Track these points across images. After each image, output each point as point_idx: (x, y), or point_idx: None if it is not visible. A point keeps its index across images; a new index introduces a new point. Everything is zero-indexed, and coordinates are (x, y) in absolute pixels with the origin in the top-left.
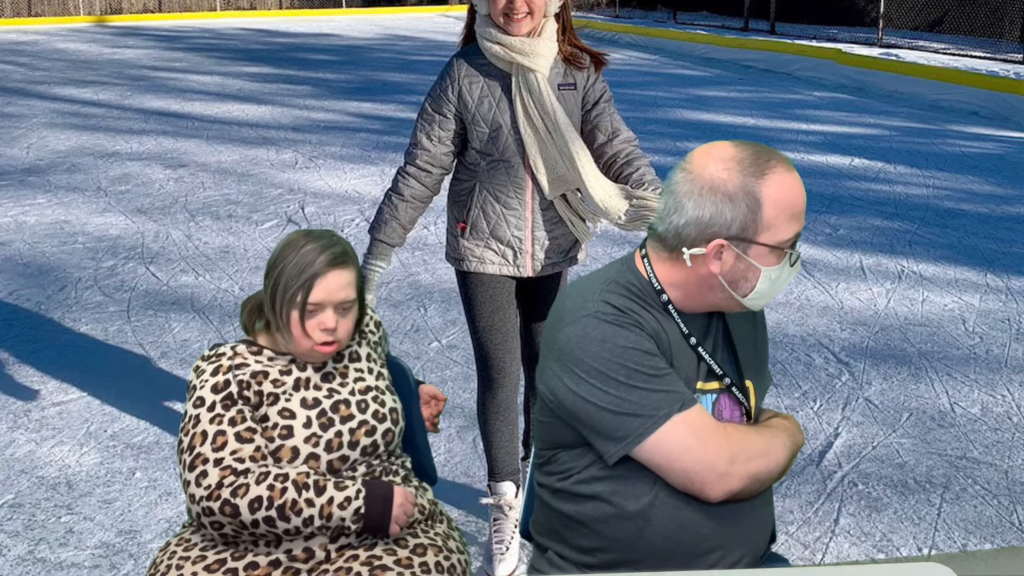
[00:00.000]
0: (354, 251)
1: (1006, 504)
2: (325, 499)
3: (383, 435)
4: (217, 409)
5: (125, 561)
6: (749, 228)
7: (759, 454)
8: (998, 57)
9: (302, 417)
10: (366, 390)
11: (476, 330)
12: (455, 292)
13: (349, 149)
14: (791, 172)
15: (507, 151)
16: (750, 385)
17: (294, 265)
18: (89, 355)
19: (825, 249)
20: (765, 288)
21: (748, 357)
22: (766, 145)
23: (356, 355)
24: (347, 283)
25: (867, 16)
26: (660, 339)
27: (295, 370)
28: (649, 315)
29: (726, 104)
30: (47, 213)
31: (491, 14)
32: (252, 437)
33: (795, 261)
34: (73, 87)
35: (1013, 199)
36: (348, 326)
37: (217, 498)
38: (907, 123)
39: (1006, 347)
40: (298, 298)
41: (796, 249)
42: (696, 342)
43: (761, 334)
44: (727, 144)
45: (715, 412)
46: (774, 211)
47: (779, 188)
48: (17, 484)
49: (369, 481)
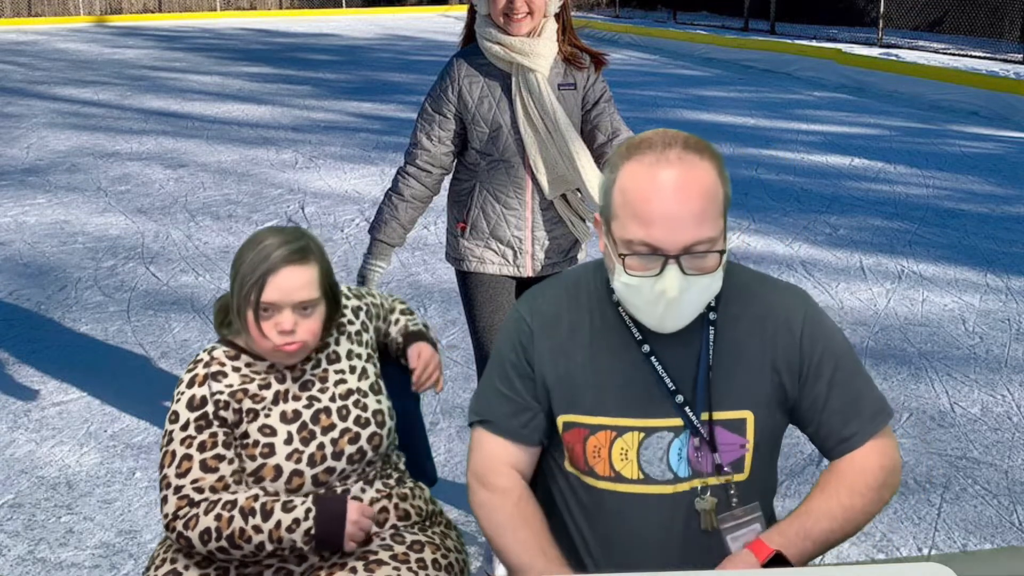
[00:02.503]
0: (321, 248)
1: (1006, 504)
2: (272, 524)
3: (368, 440)
4: (190, 430)
5: (125, 561)
6: (605, 208)
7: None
8: (998, 57)
9: (283, 433)
10: (347, 394)
11: (476, 330)
12: (455, 292)
13: (349, 149)
14: (659, 168)
15: (507, 151)
16: (733, 415)
17: (249, 263)
18: (89, 355)
19: (825, 249)
20: (621, 290)
21: (730, 381)
22: (689, 135)
23: (335, 355)
24: (306, 282)
25: (867, 16)
26: (574, 339)
27: (273, 382)
28: (584, 315)
29: (726, 104)
30: (47, 213)
31: (491, 14)
32: (218, 466)
33: (639, 275)
34: (73, 87)
35: (1013, 199)
36: (312, 327)
37: (173, 529)
38: (907, 123)
39: (1006, 347)
40: (252, 297)
41: (650, 271)
42: (650, 351)
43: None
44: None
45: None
46: (620, 198)
47: (630, 177)
48: (17, 484)
49: (321, 497)
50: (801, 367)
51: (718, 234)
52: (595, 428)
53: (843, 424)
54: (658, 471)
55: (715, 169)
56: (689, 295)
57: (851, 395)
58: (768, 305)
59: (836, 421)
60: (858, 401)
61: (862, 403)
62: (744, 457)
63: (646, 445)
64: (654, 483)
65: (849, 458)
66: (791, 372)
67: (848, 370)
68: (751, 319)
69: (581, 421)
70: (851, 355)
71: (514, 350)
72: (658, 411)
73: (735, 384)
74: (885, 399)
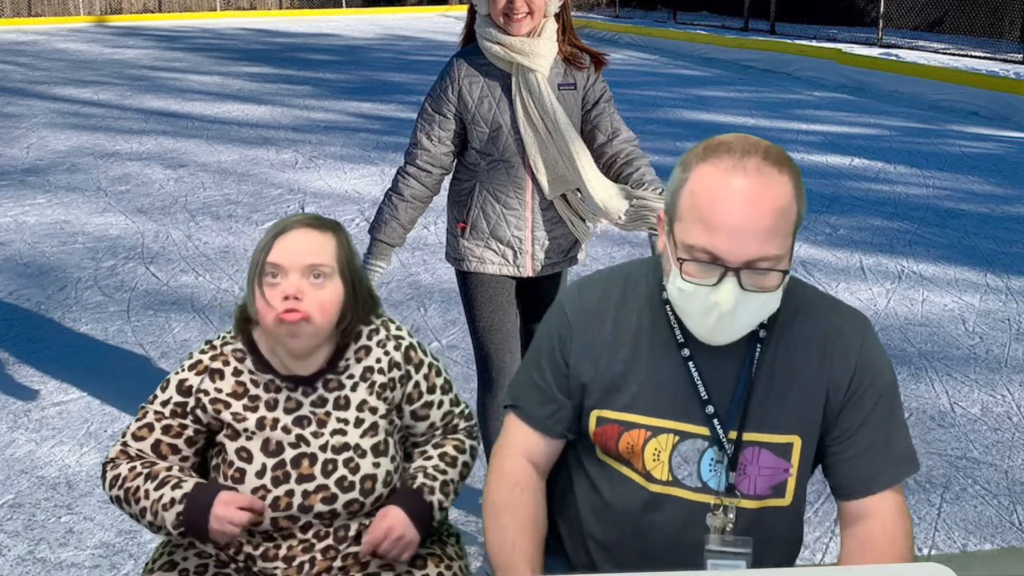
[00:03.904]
0: (348, 235)
1: (1006, 504)
2: (157, 495)
3: (346, 506)
4: (166, 408)
5: (125, 561)
6: (671, 206)
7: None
8: (998, 57)
9: (257, 463)
10: (341, 448)
11: (476, 330)
12: (455, 292)
13: (349, 149)
14: (733, 175)
15: (507, 151)
16: (781, 439)
17: (265, 234)
18: (89, 355)
19: (825, 249)
20: (674, 294)
21: (781, 404)
22: (770, 144)
23: (343, 401)
24: (318, 246)
25: (867, 16)
26: (618, 336)
27: (263, 407)
28: (632, 313)
29: (726, 104)
30: (47, 213)
31: (491, 14)
32: (167, 454)
33: (695, 282)
34: (73, 87)
35: (1013, 199)
36: (321, 300)
37: (103, 471)
38: (907, 123)
39: (1006, 347)
40: (259, 260)
41: (707, 280)
42: (689, 355)
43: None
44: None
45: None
46: (689, 200)
47: (702, 180)
48: (17, 484)
49: (198, 485)
50: (845, 394)
51: (784, 253)
52: (629, 425)
53: (866, 463)
54: (687, 476)
55: (792, 185)
56: (743, 311)
57: (883, 435)
58: (829, 328)
59: (859, 458)
60: (888, 443)
61: (892, 447)
62: (787, 482)
63: (680, 449)
64: (681, 487)
65: (879, 527)
66: (836, 398)
67: (887, 409)
68: (810, 341)
69: (615, 417)
70: (895, 396)
71: (551, 341)
72: (690, 417)
73: (787, 407)
74: (915, 451)
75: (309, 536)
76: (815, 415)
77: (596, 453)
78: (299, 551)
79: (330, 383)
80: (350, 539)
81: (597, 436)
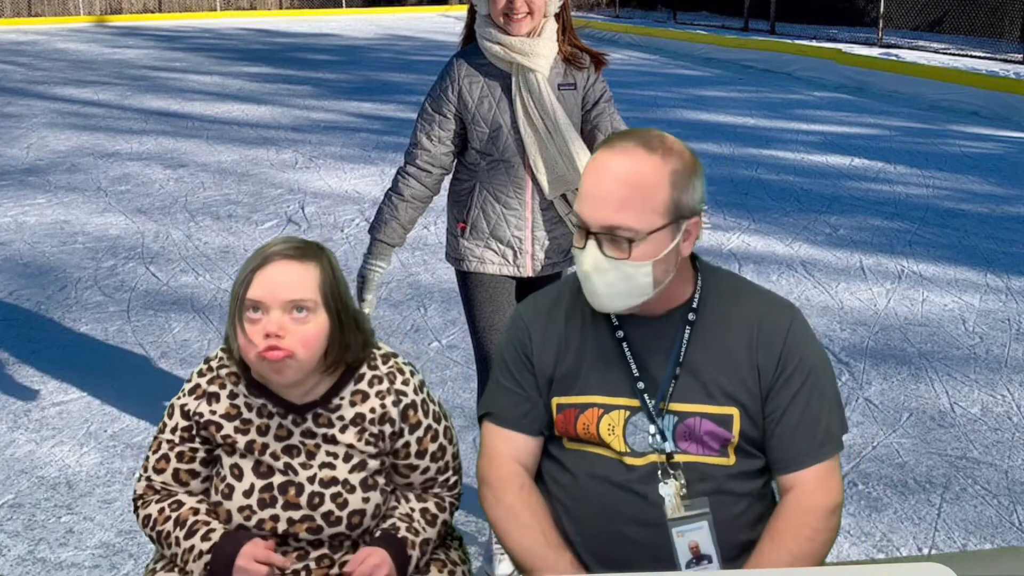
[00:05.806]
0: (332, 258)
1: (1006, 504)
2: (188, 545)
3: (331, 538)
4: (176, 435)
5: (125, 561)
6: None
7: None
8: (998, 57)
9: (246, 482)
10: (329, 483)
11: (476, 330)
12: (455, 292)
13: (349, 149)
14: (608, 155)
15: (507, 151)
16: (719, 411)
17: (244, 263)
18: (89, 355)
19: (825, 249)
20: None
21: (709, 380)
22: (663, 134)
23: (332, 438)
24: (298, 279)
25: (867, 16)
26: (571, 329)
27: (255, 432)
28: (581, 304)
29: (726, 104)
30: (47, 213)
31: (491, 14)
32: (189, 481)
33: (577, 248)
34: (73, 87)
35: (1013, 199)
36: (306, 337)
37: (135, 507)
38: (907, 123)
39: (1006, 347)
40: (239, 294)
41: (579, 244)
42: (623, 336)
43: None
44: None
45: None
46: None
47: (592, 160)
48: (17, 484)
49: (225, 535)
50: (774, 374)
51: (645, 228)
52: (583, 407)
53: (793, 440)
54: (636, 443)
55: (666, 169)
56: (607, 277)
57: (810, 414)
58: (757, 312)
59: (788, 435)
60: (815, 422)
61: (818, 425)
62: (728, 447)
63: (632, 421)
64: (634, 455)
65: (795, 497)
66: (766, 378)
67: (814, 390)
68: (739, 323)
69: (571, 402)
70: (824, 375)
71: (513, 346)
72: (631, 393)
73: (720, 381)
74: (843, 428)
75: (303, 544)
76: (750, 391)
77: (564, 444)
78: (293, 558)
79: (320, 419)
80: (346, 548)
81: (559, 423)
